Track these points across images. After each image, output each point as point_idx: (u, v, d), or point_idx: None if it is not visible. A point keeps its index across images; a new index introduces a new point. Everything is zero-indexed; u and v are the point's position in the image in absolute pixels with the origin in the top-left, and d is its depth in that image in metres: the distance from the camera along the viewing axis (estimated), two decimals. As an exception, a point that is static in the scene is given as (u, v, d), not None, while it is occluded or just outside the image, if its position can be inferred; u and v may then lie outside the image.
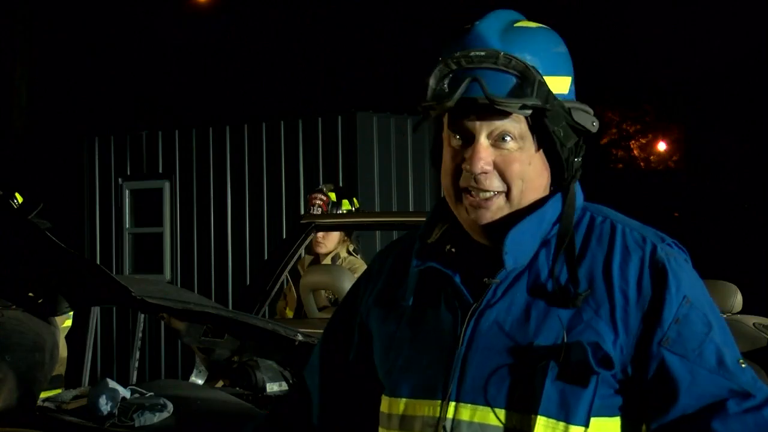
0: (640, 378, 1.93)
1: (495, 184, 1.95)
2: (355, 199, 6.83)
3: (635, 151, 30.30)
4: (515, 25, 2.00)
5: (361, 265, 6.56)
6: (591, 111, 2.00)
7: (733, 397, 1.90)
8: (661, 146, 30.16)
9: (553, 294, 1.94)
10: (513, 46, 1.94)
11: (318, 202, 6.69)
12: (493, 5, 2.10)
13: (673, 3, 27.28)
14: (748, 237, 21.64)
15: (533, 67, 1.93)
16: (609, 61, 26.47)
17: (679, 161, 29.49)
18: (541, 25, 2.03)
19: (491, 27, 1.97)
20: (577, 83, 2.04)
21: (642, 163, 30.06)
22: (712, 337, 1.93)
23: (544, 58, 1.96)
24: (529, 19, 2.05)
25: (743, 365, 1.93)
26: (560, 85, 1.97)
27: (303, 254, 6.69)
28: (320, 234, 6.55)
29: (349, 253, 6.61)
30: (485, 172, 1.94)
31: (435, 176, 11.15)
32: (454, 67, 1.94)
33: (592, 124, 1.99)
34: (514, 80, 1.92)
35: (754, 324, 5.53)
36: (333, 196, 6.71)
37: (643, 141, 30.24)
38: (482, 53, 1.93)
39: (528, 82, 1.91)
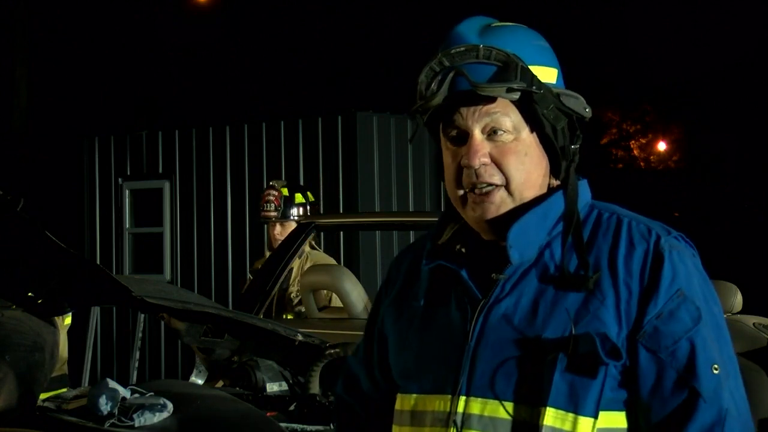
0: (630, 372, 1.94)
1: (495, 176, 1.97)
2: (309, 193, 6.88)
3: (635, 151, 30.27)
4: (493, 25, 2.03)
5: (323, 259, 6.64)
6: (581, 98, 2.02)
7: (690, 406, 1.89)
8: (661, 146, 30.15)
9: (563, 279, 1.95)
10: (492, 41, 1.97)
11: (270, 198, 6.77)
12: (495, 4, 2.12)
13: (673, 3, 27.28)
14: (748, 237, 21.65)
15: (515, 54, 1.95)
16: (609, 61, 26.47)
17: (679, 161, 29.47)
18: (518, 24, 2.06)
19: (469, 27, 2.01)
20: (576, 84, 2.06)
21: (642, 163, 30.04)
22: (693, 335, 1.92)
23: (525, 50, 1.98)
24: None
25: (715, 371, 1.92)
26: (546, 74, 1.99)
27: (266, 253, 6.81)
28: (277, 230, 6.64)
29: (312, 247, 6.66)
30: (484, 164, 1.96)
31: (435, 176, 11.16)
32: (437, 68, 1.97)
33: (585, 110, 2.01)
34: (496, 69, 1.94)
35: (754, 324, 5.54)
36: (285, 191, 6.78)
37: (643, 141, 30.22)
38: (462, 48, 1.96)
39: (510, 68, 1.94)
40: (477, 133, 1.96)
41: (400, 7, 26.00)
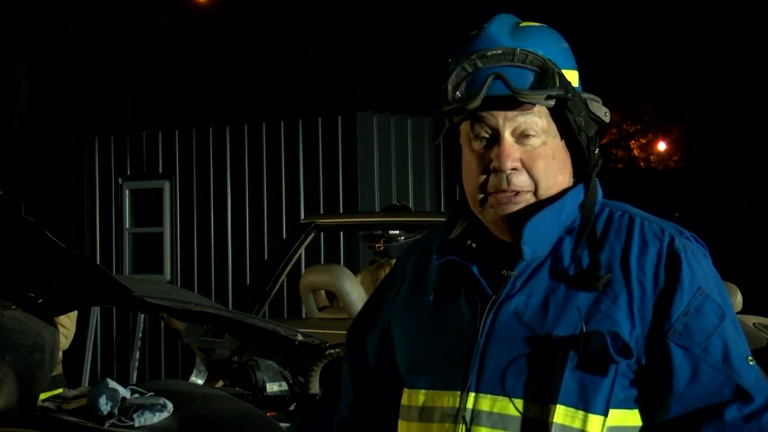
0: (650, 370, 1.94)
1: (524, 182, 1.97)
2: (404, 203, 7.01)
3: (635, 151, 30.28)
4: (521, 25, 2.03)
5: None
6: (600, 101, 2.03)
7: (734, 400, 1.90)
8: (661, 146, 30.15)
9: (574, 278, 1.95)
10: (525, 43, 1.97)
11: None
12: (496, 4, 2.12)
13: (673, 3, 27.28)
14: (748, 237, 21.64)
15: (550, 60, 1.95)
16: (609, 61, 26.47)
17: (679, 161, 29.48)
18: (542, 24, 2.06)
19: (500, 27, 2.00)
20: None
21: (642, 163, 30.05)
22: (722, 331, 1.93)
23: (555, 53, 1.99)
24: (530, 19, 2.08)
25: (751, 362, 1.93)
26: (572, 78, 2.00)
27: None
28: None
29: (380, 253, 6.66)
30: (515, 169, 1.96)
31: (435, 177, 11.17)
32: (470, 69, 1.95)
33: (605, 115, 2.03)
34: (533, 74, 1.94)
35: (754, 324, 5.54)
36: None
37: (643, 141, 30.23)
38: (499, 51, 1.95)
39: (548, 74, 1.94)
40: (508, 136, 1.96)
41: (400, 7, 25.99)
